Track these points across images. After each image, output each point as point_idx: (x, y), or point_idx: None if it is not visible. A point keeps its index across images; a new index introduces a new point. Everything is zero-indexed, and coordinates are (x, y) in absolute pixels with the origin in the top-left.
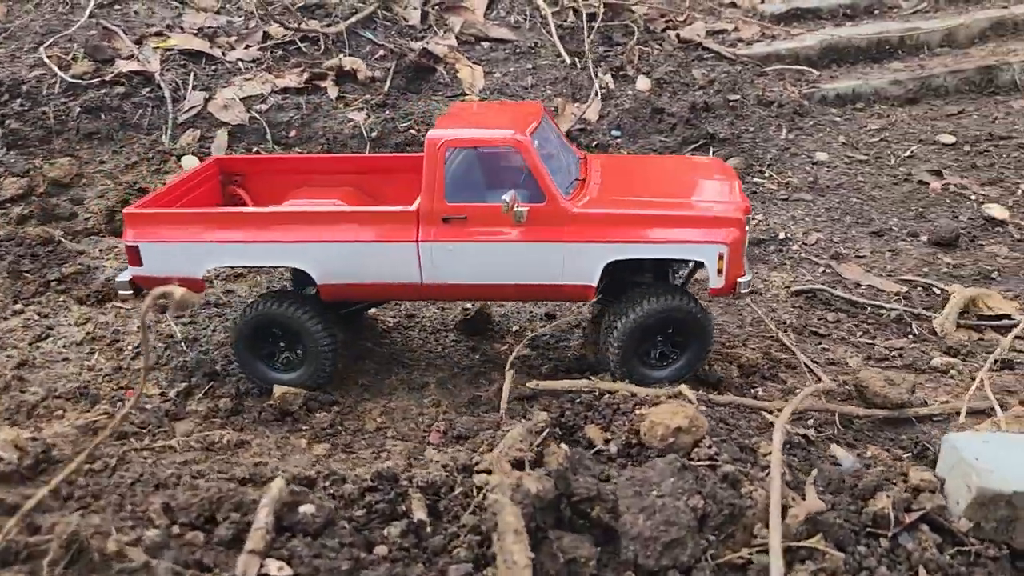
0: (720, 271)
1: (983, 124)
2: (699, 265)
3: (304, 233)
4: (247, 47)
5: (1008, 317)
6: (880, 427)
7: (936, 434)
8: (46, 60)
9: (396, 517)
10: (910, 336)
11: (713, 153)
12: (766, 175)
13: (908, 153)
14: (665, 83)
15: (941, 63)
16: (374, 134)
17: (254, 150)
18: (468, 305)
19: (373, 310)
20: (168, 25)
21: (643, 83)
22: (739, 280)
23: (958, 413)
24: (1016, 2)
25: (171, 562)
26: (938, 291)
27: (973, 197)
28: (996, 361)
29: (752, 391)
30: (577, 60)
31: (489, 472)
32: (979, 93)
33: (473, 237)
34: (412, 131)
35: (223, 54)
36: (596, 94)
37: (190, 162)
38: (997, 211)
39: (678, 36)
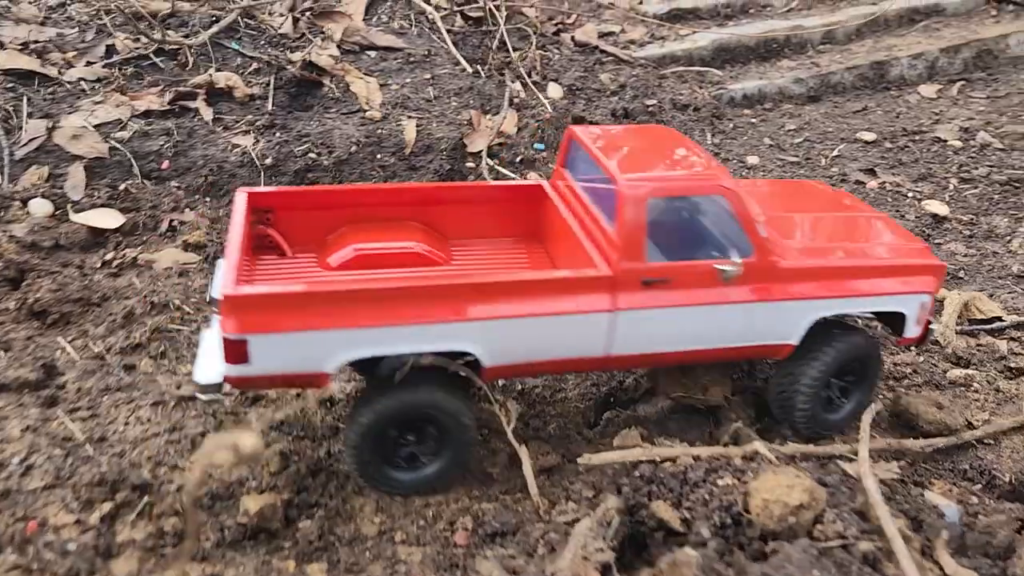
0: (918, 321)
1: (891, 120)
2: None
3: (472, 308)
4: (88, 64)
5: (999, 319)
6: (933, 457)
7: (991, 458)
8: None
9: None
10: (912, 349)
11: None
12: None
13: (836, 153)
14: (577, 89)
15: (834, 60)
16: (268, 161)
17: (121, 187)
18: None
19: None
20: None
21: (555, 90)
22: (931, 327)
23: (1006, 432)
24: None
25: None
26: None
27: (910, 195)
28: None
29: (781, 432)
30: (480, 68)
31: None
32: (873, 88)
33: (679, 301)
34: (312, 155)
35: (60, 73)
36: (542, 104)
37: (41, 207)
38: (937, 207)
39: (573, 39)
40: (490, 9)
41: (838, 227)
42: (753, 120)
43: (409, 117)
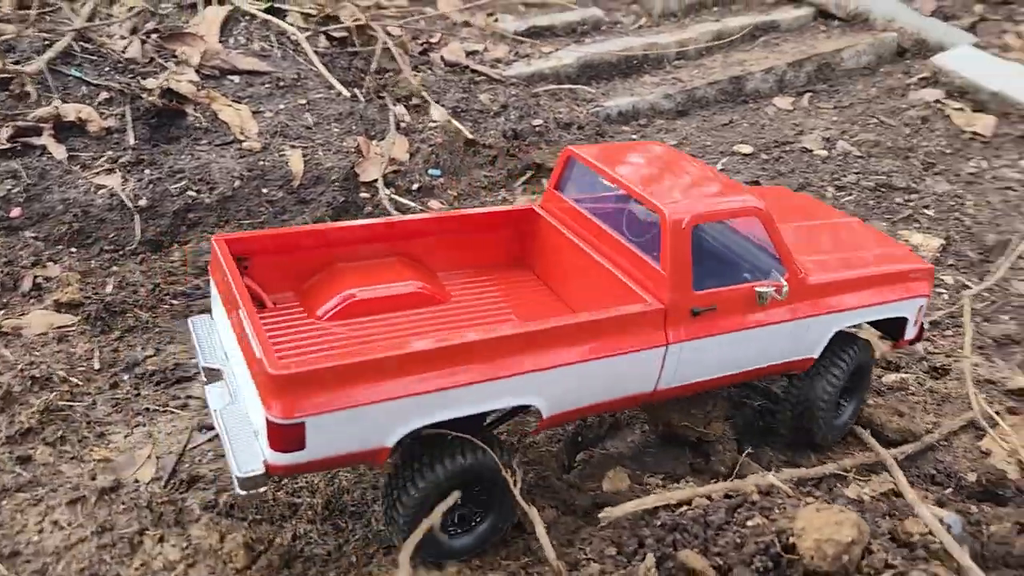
0: (916, 322)
1: (759, 131)
2: None
3: (537, 358)
4: None
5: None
6: (901, 464)
7: (949, 459)
8: None
9: None
10: None
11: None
12: None
13: (720, 166)
14: (461, 111)
15: (693, 75)
16: (142, 202)
17: None
18: None
19: None
20: None
21: (438, 113)
22: (924, 327)
23: (956, 432)
24: (725, 17)
25: None
26: None
27: None
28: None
29: (754, 451)
30: (357, 91)
31: None
32: (734, 102)
33: (725, 328)
34: (191, 193)
35: None
36: (430, 127)
37: None
38: None
39: (443, 59)
40: (360, 27)
41: (830, 236)
42: (634, 136)
43: (292, 147)
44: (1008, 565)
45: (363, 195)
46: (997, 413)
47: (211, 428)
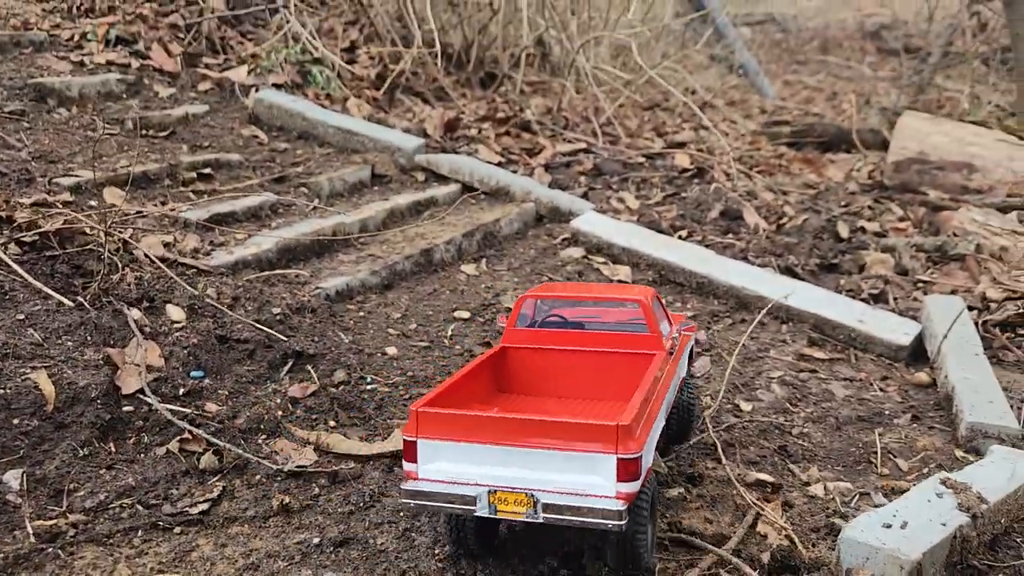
0: (698, 351)
1: (462, 296)
2: None
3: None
4: None
5: None
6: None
7: (742, 548)
8: None
9: None
10: None
11: (315, 369)
12: (368, 381)
13: (451, 332)
14: (197, 308)
15: (385, 252)
16: None
17: None
18: None
19: None
20: None
21: (176, 313)
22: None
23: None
24: (390, 195)
25: None
26: None
27: None
28: None
29: None
30: (82, 299)
31: None
32: (426, 272)
33: (678, 358)
34: None
35: None
36: (175, 330)
37: None
38: None
39: (147, 255)
40: (57, 229)
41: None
42: (362, 313)
43: (32, 368)
44: None
45: (126, 408)
46: (755, 503)
47: None
